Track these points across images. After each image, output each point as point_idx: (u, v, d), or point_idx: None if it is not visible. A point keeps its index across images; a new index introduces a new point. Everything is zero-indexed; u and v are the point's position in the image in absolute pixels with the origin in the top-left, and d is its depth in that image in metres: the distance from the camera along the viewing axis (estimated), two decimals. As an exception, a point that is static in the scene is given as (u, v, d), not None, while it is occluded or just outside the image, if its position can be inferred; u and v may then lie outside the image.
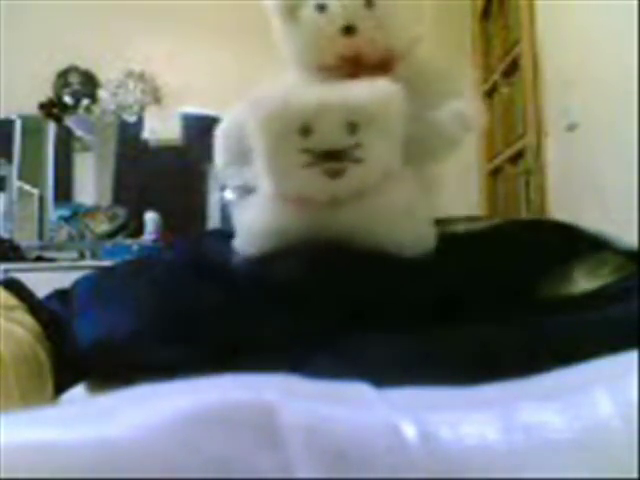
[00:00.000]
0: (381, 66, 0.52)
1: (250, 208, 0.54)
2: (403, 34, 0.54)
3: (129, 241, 3.17)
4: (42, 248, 3.18)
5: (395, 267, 0.50)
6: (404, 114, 0.50)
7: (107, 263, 0.95)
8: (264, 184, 0.52)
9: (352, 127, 0.48)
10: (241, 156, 0.54)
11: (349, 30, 0.51)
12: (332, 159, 0.47)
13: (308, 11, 0.53)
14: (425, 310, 0.47)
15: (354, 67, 0.52)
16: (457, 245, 0.52)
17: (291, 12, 0.55)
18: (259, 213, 0.53)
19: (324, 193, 0.49)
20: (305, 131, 0.47)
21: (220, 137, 0.59)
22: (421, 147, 0.53)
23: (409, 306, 0.48)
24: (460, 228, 0.57)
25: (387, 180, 0.51)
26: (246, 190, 0.55)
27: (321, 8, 0.52)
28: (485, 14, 3.07)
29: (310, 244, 0.50)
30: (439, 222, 0.53)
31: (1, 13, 3.10)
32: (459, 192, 2.59)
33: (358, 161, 0.48)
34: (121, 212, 3.29)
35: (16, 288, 0.56)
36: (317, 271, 0.50)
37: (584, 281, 0.49)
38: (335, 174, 0.48)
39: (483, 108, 0.57)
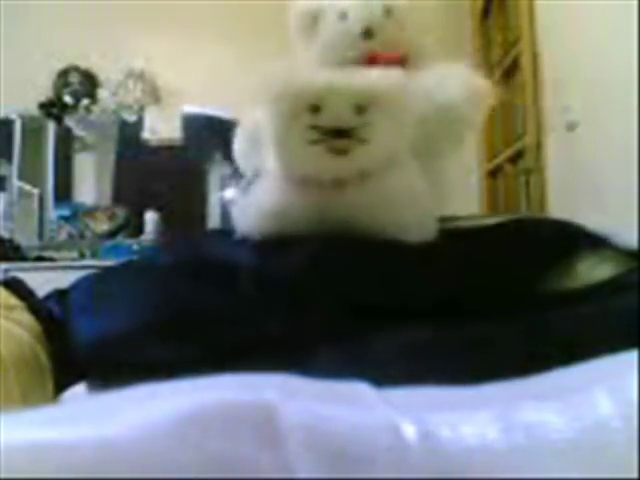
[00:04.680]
0: (394, 66, 0.56)
1: (255, 191, 0.55)
2: (415, 41, 0.59)
3: (129, 241, 3.16)
4: (42, 248, 3.17)
5: (397, 263, 0.50)
6: (410, 101, 0.51)
7: (107, 263, 0.95)
8: (271, 164, 0.53)
9: (360, 108, 0.49)
10: (257, 144, 0.57)
11: (367, 34, 0.57)
12: (338, 137, 0.48)
13: (330, 20, 0.59)
14: (427, 306, 0.47)
15: (370, 64, 0.56)
16: (459, 241, 0.52)
17: (313, 22, 0.60)
18: (265, 194, 0.54)
19: (328, 171, 0.50)
20: (315, 109, 0.49)
21: (239, 128, 0.62)
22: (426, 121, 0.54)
23: (411, 302, 0.48)
24: (463, 225, 0.57)
25: (391, 165, 0.52)
26: (258, 176, 0.56)
27: (343, 16, 0.58)
28: (485, 13, 3.07)
29: (312, 231, 0.51)
30: (443, 219, 0.53)
31: (1, 13, 3.09)
32: (459, 192, 2.59)
33: (364, 141, 0.49)
34: (121, 212, 3.29)
35: (16, 287, 0.56)
36: (317, 268, 0.50)
37: (585, 277, 0.49)
38: (340, 152, 0.49)
39: (489, 87, 0.57)
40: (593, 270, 0.49)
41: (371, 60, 0.57)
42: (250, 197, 0.55)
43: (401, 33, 0.58)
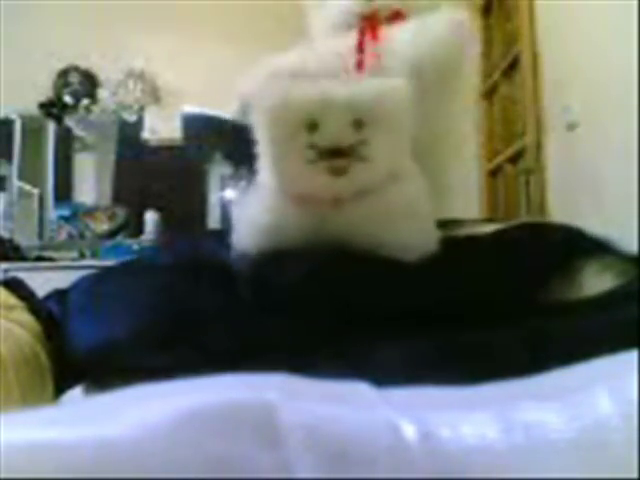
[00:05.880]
0: (392, 21, 0.62)
1: (252, 204, 0.54)
2: (415, 3, 0.63)
3: (129, 241, 3.16)
4: (42, 248, 3.17)
5: (397, 270, 0.49)
6: (412, 114, 0.50)
7: (107, 263, 0.95)
8: (267, 179, 0.52)
9: (358, 124, 0.48)
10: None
11: None
12: (336, 156, 0.47)
13: None
14: (427, 314, 0.47)
15: (371, 23, 0.62)
16: (460, 248, 0.52)
17: None
18: (261, 209, 0.53)
19: (327, 191, 0.49)
20: (312, 126, 0.48)
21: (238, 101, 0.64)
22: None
23: (410, 311, 0.47)
24: (464, 231, 0.57)
25: (392, 181, 0.51)
26: None
27: None
28: (485, 12, 3.07)
29: (310, 246, 0.50)
30: (443, 224, 0.53)
31: (1, 13, 3.09)
32: (459, 192, 2.59)
33: (362, 159, 0.48)
34: (121, 212, 3.29)
35: (16, 287, 0.56)
36: (317, 275, 0.49)
37: (587, 285, 0.49)
38: (338, 172, 0.47)
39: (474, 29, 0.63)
40: (595, 278, 0.49)
41: (371, 19, 0.62)
42: (246, 213, 0.54)
43: None
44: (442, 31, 0.58)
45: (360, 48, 0.60)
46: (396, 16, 0.62)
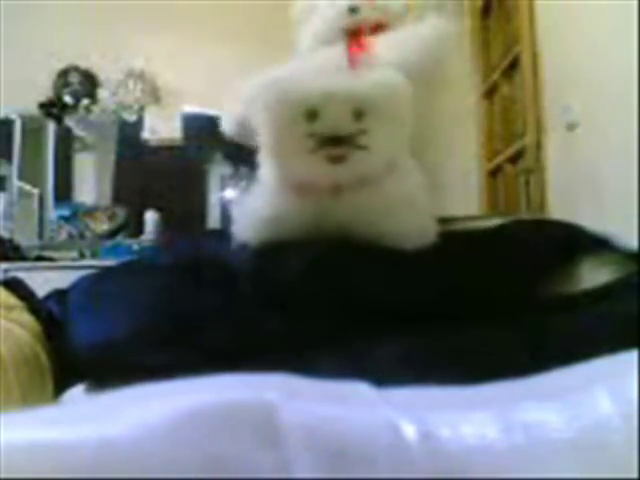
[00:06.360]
0: (374, 32, 0.67)
1: (253, 196, 0.54)
2: (396, 15, 0.68)
3: (129, 241, 3.16)
4: (42, 248, 3.17)
5: (397, 263, 0.50)
6: (412, 106, 0.50)
7: (107, 263, 0.95)
8: (267, 170, 0.52)
9: (358, 114, 0.48)
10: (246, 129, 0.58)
11: (353, 10, 0.66)
12: (335, 144, 0.48)
13: (323, 5, 0.69)
14: (427, 309, 0.47)
15: (355, 37, 0.66)
16: (460, 243, 0.52)
17: (311, 11, 0.70)
18: (262, 200, 0.53)
19: (326, 179, 0.50)
20: (311, 115, 0.48)
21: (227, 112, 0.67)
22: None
23: (411, 306, 0.48)
24: (464, 227, 0.57)
25: (390, 171, 0.51)
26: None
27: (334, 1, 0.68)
28: (485, 13, 3.07)
29: (311, 237, 0.50)
30: (444, 221, 0.53)
31: (1, 13, 3.09)
32: (459, 192, 2.59)
33: (361, 148, 0.48)
34: (121, 212, 3.29)
35: (16, 287, 0.56)
36: (317, 272, 0.49)
37: (586, 280, 0.49)
38: (337, 160, 0.48)
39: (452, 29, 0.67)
40: (595, 273, 0.49)
41: (356, 31, 0.66)
42: (247, 204, 0.54)
43: (381, 9, 0.67)
44: (425, 36, 0.62)
45: (350, 55, 0.63)
46: (378, 27, 0.66)
